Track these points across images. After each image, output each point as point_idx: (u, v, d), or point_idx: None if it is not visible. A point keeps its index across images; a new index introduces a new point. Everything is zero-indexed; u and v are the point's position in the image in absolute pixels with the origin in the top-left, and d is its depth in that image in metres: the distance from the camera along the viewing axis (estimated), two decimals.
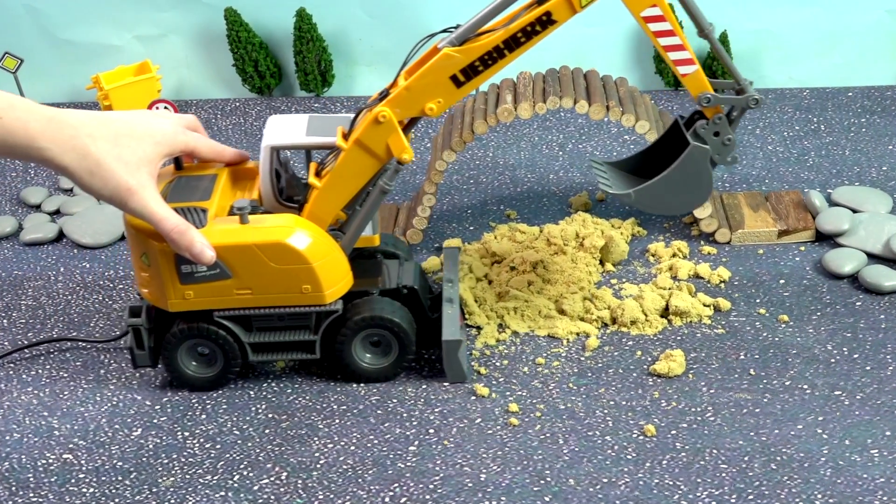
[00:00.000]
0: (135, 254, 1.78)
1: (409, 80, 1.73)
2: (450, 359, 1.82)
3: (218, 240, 1.70)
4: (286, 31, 2.89)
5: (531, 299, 2.00)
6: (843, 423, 1.73)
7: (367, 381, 1.86)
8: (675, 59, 1.77)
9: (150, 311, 1.83)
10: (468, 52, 1.71)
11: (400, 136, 1.74)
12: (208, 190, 1.79)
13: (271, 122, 1.85)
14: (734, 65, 1.82)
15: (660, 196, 1.85)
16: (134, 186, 1.62)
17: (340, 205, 1.79)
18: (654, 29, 1.74)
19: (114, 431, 1.79)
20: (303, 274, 1.74)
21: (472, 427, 1.76)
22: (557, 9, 1.69)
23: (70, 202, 2.44)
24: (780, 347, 1.90)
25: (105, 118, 1.64)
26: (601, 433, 1.73)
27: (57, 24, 2.93)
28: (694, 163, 1.82)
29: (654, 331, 1.95)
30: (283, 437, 1.76)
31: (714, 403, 1.78)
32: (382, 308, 1.81)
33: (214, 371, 1.85)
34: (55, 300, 2.14)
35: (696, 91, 1.80)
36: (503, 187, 2.44)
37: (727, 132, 1.82)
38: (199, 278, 1.74)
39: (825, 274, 2.08)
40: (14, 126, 1.55)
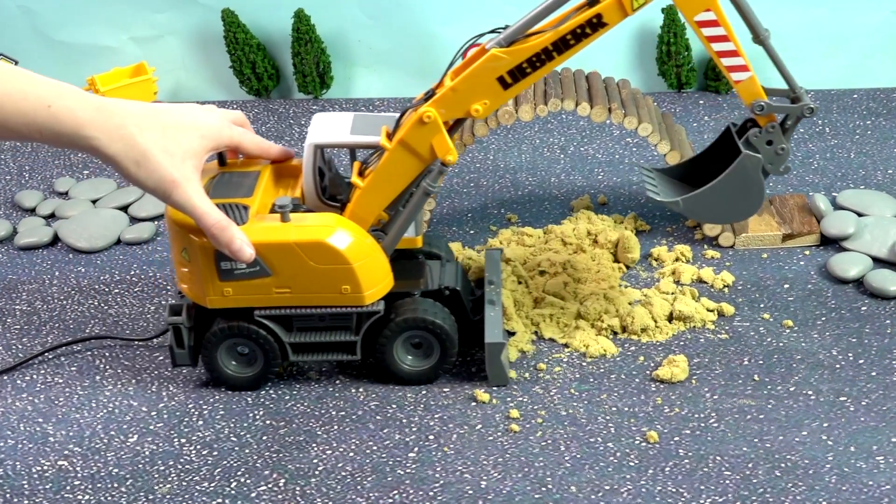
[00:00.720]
0: (175, 249, 1.79)
1: (455, 81, 1.73)
2: (492, 361, 1.82)
3: (258, 237, 1.71)
4: (284, 32, 2.90)
5: (567, 306, 2.00)
6: (848, 429, 1.73)
7: (408, 384, 1.86)
8: (728, 65, 1.75)
9: (191, 309, 1.84)
10: (516, 53, 1.70)
11: (445, 137, 1.73)
12: (251, 187, 1.80)
13: (316, 120, 1.86)
14: (790, 72, 1.79)
15: (709, 205, 1.83)
16: (178, 179, 1.63)
17: (383, 205, 1.79)
18: (707, 34, 1.72)
19: (109, 438, 1.80)
20: (342, 274, 1.75)
21: (472, 433, 1.76)
22: (609, 11, 1.68)
23: (65, 206, 2.44)
24: (785, 353, 1.90)
25: (153, 109, 1.65)
26: (603, 440, 1.74)
27: (51, 24, 2.94)
28: (745, 172, 1.80)
29: (665, 337, 1.95)
30: (280, 443, 1.77)
31: (717, 409, 1.78)
32: (424, 309, 1.82)
33: (254, 371, 1.86)
34: (50, 305, 2.14)
35: (750, 98, 1.77)
36: (504, 190, 2.44)
37: (781, 141, 1.80)
38: (239, 275, 1.75)
39: (830, 278, 2.09)
40: (63, 114, 1.55)
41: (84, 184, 2.54)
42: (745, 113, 2.70)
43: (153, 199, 2.43)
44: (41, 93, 1.55)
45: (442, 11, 2.86)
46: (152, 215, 2.40)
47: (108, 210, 2.41)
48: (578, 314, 1.98)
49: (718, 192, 1.82)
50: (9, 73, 1.53)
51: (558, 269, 2.06)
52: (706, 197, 1.83)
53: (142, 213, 2.41)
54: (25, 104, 1.53)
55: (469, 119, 2.17)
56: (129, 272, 2.23)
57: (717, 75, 2.78)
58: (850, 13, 2.79)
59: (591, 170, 2.50)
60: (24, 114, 1.53)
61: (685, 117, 2.71)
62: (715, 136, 2.60)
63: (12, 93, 1.52)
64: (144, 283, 2.18)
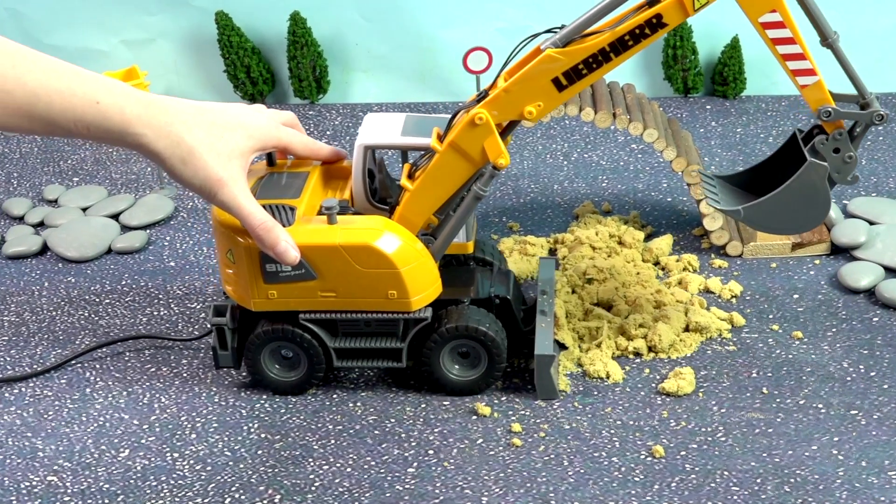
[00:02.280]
0: (220, 250, 1.81)
1: (508, 82, 1.72)
2: (541, 374, 1.82)
3: (304, 239, 1.72)
4: (280, 35, 2.90)
5: (615, 320, 1.99)
6: (859, 443, 1.74)
7: (454, 394, 1.86)
8: (794, 69, 1.73)
9: (235, 311, 1.85)
10: (572, 54, 1.70)
11: (497, 140, 1.73)
12: (299, 188, 1.81)
13: (367, 121, 1.88)
14: (860, 77, 1.78)
15: (771, 214, 1.82)
16: (224, 178, 1.65)
17: (432, 209, 1.79)
18: (772, 36, 1.71)
19: (100, 452, 1.80)
20: (389, 279, 1.75)
21: (473, 448, 1.77)
22: (669, 11, 1.67)
23: (54, 213, 2.45)
24: (794, 365, 1.91)
25: (201, 107, 1.67)
26: (608, 454, 1.74)
27: (41, 28, 2.94)
28: (811, 180, 1.78)
29: (690, 351, 1.95)
30: (276, 458, 1.77)
31: (725, 423, 1.79)
32: (473, 318, 1.82)
33: (298, 375, 1.87)
34: (39, 316, 2.14)
35: (817, 104, 1.76)
36: (505, 198, 2.45)
37: (848, 149, 1.79)
38: (284, 278, 1.76)
39: (841, 288, 2.09)
40: (111, 111, 1.56)
41: (74, 191, 2.54)
42: (758, 119, 2.71)
43: (145, 208, 2.44)
44: (89, 89, 1.55)
45: (442, 14, 2.87)
46: (144, 224, 2.41)
47: (99, 218, 2.42)
48: (622, 329, 1.97)
49: (782, 202, 1.80)
50: (57, 69, 1.54)
51: (606, 276, 2.06)
52: (769, 206, 1.81)
53: (133, 221, 2.41)
54: (74, 101, 1.54)
55: None
56: (121, 282, 2.23)
57: (724, 80, 2.79)
58: (860, 16, 2.79)
59: (595, 177, 2.51)
60: (73, 110, 1.54)
61: (692, 123, 2.72)
62: (722, 142, 2.61)
63: (62, 90, 1.53)
64: (136, 293, 2.19)
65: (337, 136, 2.76)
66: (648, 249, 2.18)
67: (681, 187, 2.42)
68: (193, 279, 2.22)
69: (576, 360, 1.93)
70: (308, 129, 2.79)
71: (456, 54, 2.72)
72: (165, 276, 2.24)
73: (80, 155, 2.72)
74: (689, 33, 2.77)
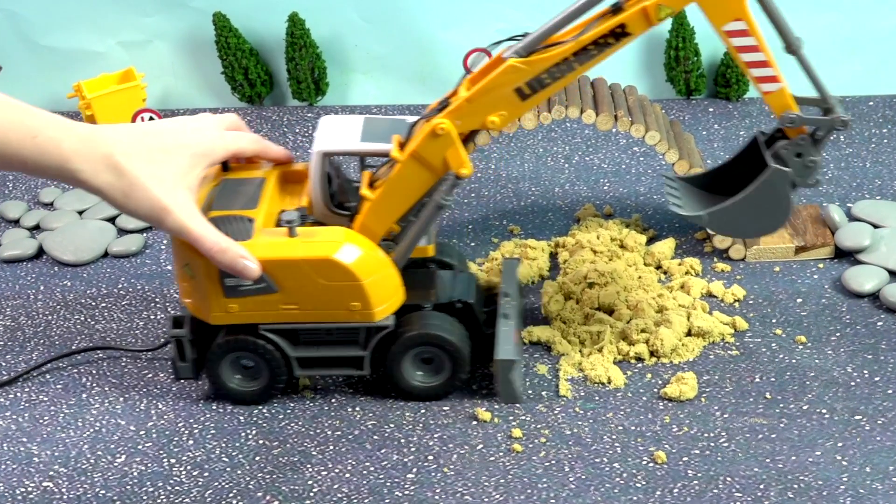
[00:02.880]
0: (177, 264, 1.80)
1: (471, 91, 1.72)
2: (503, 379, 1.82)
3: (264, 253, 1.72)
4: (278, 36, 2.91)
5: (616, 324, 2.00)
6: (863, 449, 1.74)
7: (418, 400, 1.87)
8: (757, 76, 1.75)
9: (193, 321, 1.85)
10: (535, 63, 1.70)
11: (459, 150, 1.74)
12: (255, 197, 1.81)
13: (323, 124, 1.86)
14: (823, 83, 1.79)
15: (735, 219, 1.84)
16: (170, 205, 1.64)
17: (394, 218, 1.80)
18: (736, 44, 1.72)
19: (96, 458, 1.80)
20: (352, 291, 1.76)
21: (473, 454, 1.77)
22: (633, 21, 1.68)
23: (50, 217, 2.45)
24: (798, 370, 1.91)
25: (140, 133, 1.66)
26: (609, 460, 1.74)
27: (37, 29, 2.94)
28: (773, 186, 1.80)
29: (693, 355, 1.95)
30: (274, 464, 1.77)
31: (728, 429, 1.79)
32: (435, 324, 1.82)
33: (259, 385, 1.87)
34: (34, 321, 2.14)
35: (780, 110, 1.78)
36: (506, 201, 2.45)
37: (811, 154, 1.80)
38: (244, 292, 1.76)
39: (845, 292, 2.09)
40: (48, 146, 1.56)
41: (70, 194, 2.54)
42: (762, 121, 2.71)
43: None
44: (27, 123, 1.55)
45: (442, 15, 2.87)
46: (141, 227, 2.41)
47: (95, 221, 2.42)
48: (623, 333, 1.97)
49: (744, 207, 1.82)
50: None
51: (607, 280, 2.07)
52: (732, 211, 1.83)
53: (130, 224, 2.41)
54: (11, 134, 1.53)
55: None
56: (117, 286, 2.23)
57: (727, 81, 2.79)
58: (864, 17, 2.80)
59: (597, 180, 2.51)
60: (9, 144, 1.54)
61: (694, 125, 2.72)
62: (725, 145, 2.61)
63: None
64: (133, 297, 2.19)
65: None
66: (650, 253, 2.18)
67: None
68: None
69: (577, 365, 1.93)
70: (307, 131, 2.80)
71: (456, 55, 2.72)
72: (162, 280, 2.24)
73: None
74: (691, 35, 2.77)
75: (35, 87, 2.96)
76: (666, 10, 1.66)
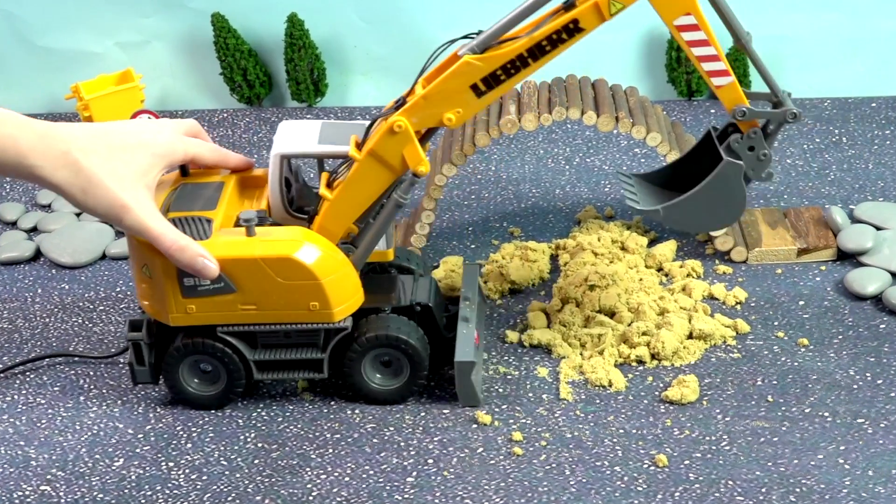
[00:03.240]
0: (135, 265, 1.80)
1: (427, 89, 1.74)
2: (462, 381, 1.83)
3: (222, 252, 1.72)
4: (277, 37, 2.91)
5: (618, 327, 2.00)
6: (866, 452, 1.74)
7: (377, 403, 1.87)
8: (708, 70, 1.77)
9: (152, 325, 1.85)
10: (490, 60, 1.72)
11: (416, 148, 1.75)
12: (214, 198, 1.81)
13: (282, 129, 1.87)
14: (772, 76, 1.82)
15: (690, 213, 1.86)
16: (129, 202, 1.64)
17: (352, 218, 1.80)
18: (687, 38, 1.74)
19: (94, 462, 1.80)
20: (311, 290, 1.76)
21: (473, 457, 1.77)
22: (585, 16, 1.70)
23: (48, 219, 2.45)
24: (800, 372, 1.91)
25: (99, 131, 1.66)
26: (610, 463, 1.74)
27: (34, 30, 2.95)
28: (727, 179, 1.82)
29: (694, 358, 1.95)
30: (273, 467, 1.77)
31: (729, 432, 1.79)
32: (393, 327, 1.83)
33: (218, 389, 1.87)
34: (32, 323, 2.15)
35: (731, 104, 1.80)
36: (506, 203, 2.45)
37: (763, 147, 1.83)
38: (202, 292, 1.76)
39: (847, 295, 2.09)
40: (4, 143, 1.56)
41: None
42: None
43: None
44: None
45: (441, 16, 2.87)
46: None
47: (93, 223, 2.42)
48: (624, 336, 1.98)
49: (699, 200, 1.84)
50: None
51: (609, 282, 2.07)
52: (686, 205, 1.85)
53: None
54: None
55: (470, 129, 2.19)
56: (115, 288, 2.23)
57: None
58: (867, 18, 2.80)
59: (598, 181, 2.51)
60: None
61: (696, 126, 2.73)
62: None
63: None
64: (131, 300, 2.19)
65: None
66: (651, 255, 2.18)
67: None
68: None
69: (577, 368, 1.93)
70: None
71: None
72: None
73: None
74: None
75: (32, 89, 2.97)
76: (617, 6, 1.68)
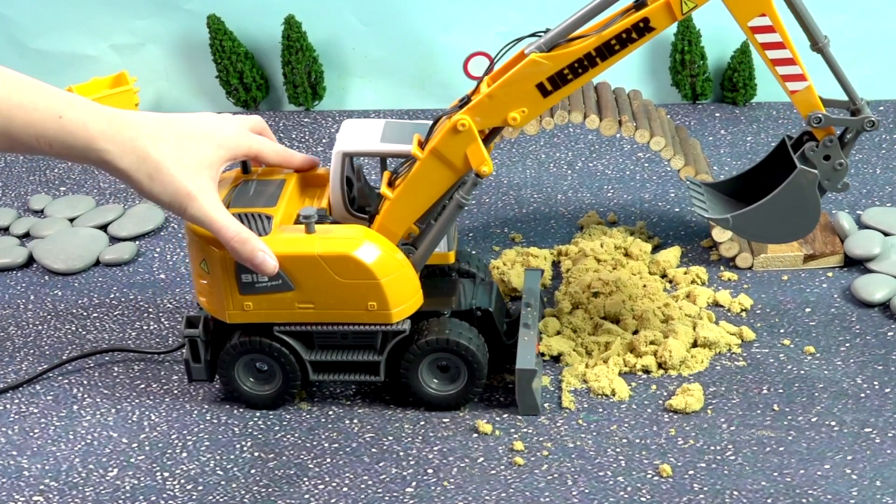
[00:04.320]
0: (194, 260, 1.82)
1: (491, 87, 1.74)
2: (523, 389, 1.83)
3: (281, 249, 1.73)
4: (274, 39, 2.92)
5: (625, 335, 2.00)
6: (873, 462, 1.74)
7: (433, 409, 1.88)
8: (783, 74, 1.76)
9: (208, 322, 1.86)
10: (557, 58, 1.72)
11: (480, 147, 1.75)
12: (274, 196, 1.83)
13: (345, 127, 1.89)
14: (850, 82, 1.81)
15: (761, 223, 1.85)
16: (194, 192, 1.65)
17: (413, 218, 1.81)
18: (761, 40, 1.73)
19: (87, 472, 1.81)
20: (369, 290, 1.77)
21: (473, 467, 1.77)
22: (656, 15, 1.69)
23: (41, 224, 2.46)
24: (806, 381, 1.91)
25: (167, 119, 1.68)
26: (613, 473, 1.75)
27: (27, 32, 2.95)
28: (800, 189, 1.81)
29: (702, 367, 1.95)
30: (270, 477, 1.78)
31: (735, 441, 1.79)
32: (453, 331, 1.83)
33: (273, 389, 1.88)
34: (24, 331, 2.15)
35: (807, 110, 1.79)
36: (507, 208, 2.46)
37: (839, 156, 1.81)
38: (260, 289, 1.78)
39: (854, 302, 2.10)
40: (74, 126, 1.57)
41: (60, 201, 2.55)
42: (769, 126, 2.72)
43: (134, 218, 2.45)
44: (52, 103, 1.56)
45: (442, 18, 2.88)
46: (133, 235, 2.42)
47: (87, 229, 2.43)
48: (631, 345, 1.98)
49: (771, 210, 1.83)
50: (19, 83, 1.54)
51: (612, 288, 2.07)
52: (758, 214, 1.84)
53: (122, 232, 2.42)
54: (36, 115, 1.54)
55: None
56: (109, 295, 2.24)
57: (734, 86, 2.80)
58: (874, 20, 2.81)
59: (600, 186, 2.52)
60: (34, 125, 1.54)
61: (700, 131, 2.73)
62: (731, 150, 2.62)
63: (24, 103, 1.53)
64: (125, 307, 2.20)
65: (332, 144, 2.76)
66: (655, 262, 2.19)
67: (689, 197, 2.43)
68: (184, 292, 2.23)
69: (580, 376, 1.93)
70: (303, 136, 2.80)
71: (456, 59, 2.73)
72: (155, 289, 2.25)
73: (66, 164, 2.73)
74: (697, 37, 2.78)
75: None
76: (689, 4, 1.68)
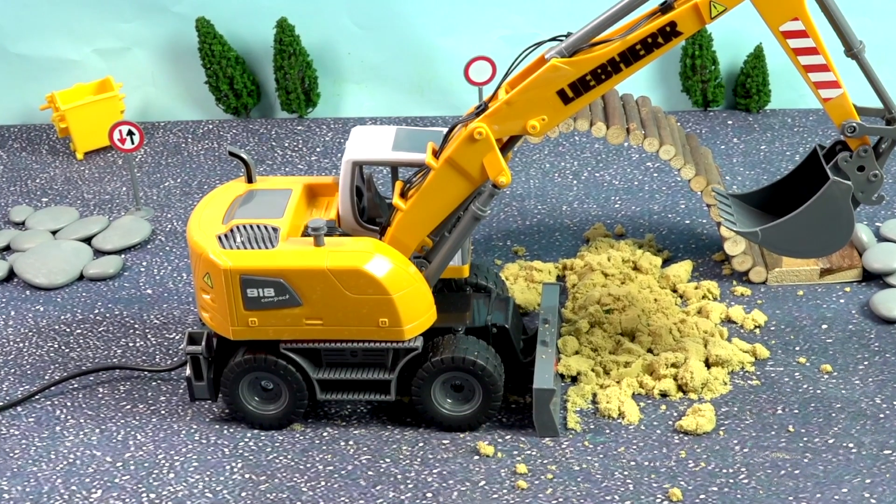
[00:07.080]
0: (197, 274, 1.83)
1: (510, 94, 1.75)
2: (540, 410, 1.83)
3: (288, 262, 1.75)
4: (265, 44, 2.92)
5: (648, 356, 2.01)
6: (893, 486, 1.75)
7: (447, 429, 1.88)
8: (816, 81, 1.76)
9: (211, 339, 1.87)
10: (579, 64, 1.73)
11: (497, 156, 1.76)
12: (281, 206, 1.84)
13: (355, 134, 1.90)
14: (887, 90, 1.80)
15: (791, 236, 1.84)
16: None
17: (427, 230, 1.82)
18: (794, 45, 1.74)
19: (70, 493, 1.81)
20: (381, 305, 1.77)
21: (475, 490, 1.78)
22: (684, 19, 1.70)
23: (22, 237, 2.46)
24: (823, 401, 1.92)
25: None
26: (620, 498, 1.75)
27: (8, 36, 2.96)
28: (833, 200, 1.80)
29: (725, 390, 1.95)
30: (261, 500, 1.78)
31: (748, 464, 1.80)
32: (467, 349, 1.83)
33: (279, 408, 1.88)
34: (4, 348, 2.15)
35: (840, 119, 1.78)
36: (510, 220, 2.46)
37: (874, 167, 1.81)
38: (266, 304, 1.78)
39: (873, 318, 2.10)
40: None
41: (43, 213, 2.56)
42: (784, 134, 2.73)
43: (119, 230, 2.45)
44: None
45: (441, 21, 2.88)
46: (118, 248, 2.42)
47: (70, 242, 2.43)
48: (651, 367, 1.98)
49: (802, 223, 1.82)
50: None
51: (625, 304, 2.08)
52: (788, 227, 1.83)
53: (107, 245, 2.43)
54: None
55: None
56: (93, 311, 2.24)
57: (747, 92, 2.80)
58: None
59: (607, 197, 2.52)
60: None
61: (712, 138, 2.74)
62: (745, 160, 2.63)
63: None
64: (110, 323, 2.20)
65: (327, 153, 2.77)
66: (665, 276, 2.20)
67: (700, 208, 2.44)
68: (172, 308, 2.24)
69: (587, 396, 1.94)
70: (296, 145, 2.81)
71: (457, 64, 2.74)
72: (142, 305, 2.26)
73: (49, 173, 2.73)
74: (708, 42, 2.79)
75: (6, 98, 2.98)
76: (719, 7, 1.69)
